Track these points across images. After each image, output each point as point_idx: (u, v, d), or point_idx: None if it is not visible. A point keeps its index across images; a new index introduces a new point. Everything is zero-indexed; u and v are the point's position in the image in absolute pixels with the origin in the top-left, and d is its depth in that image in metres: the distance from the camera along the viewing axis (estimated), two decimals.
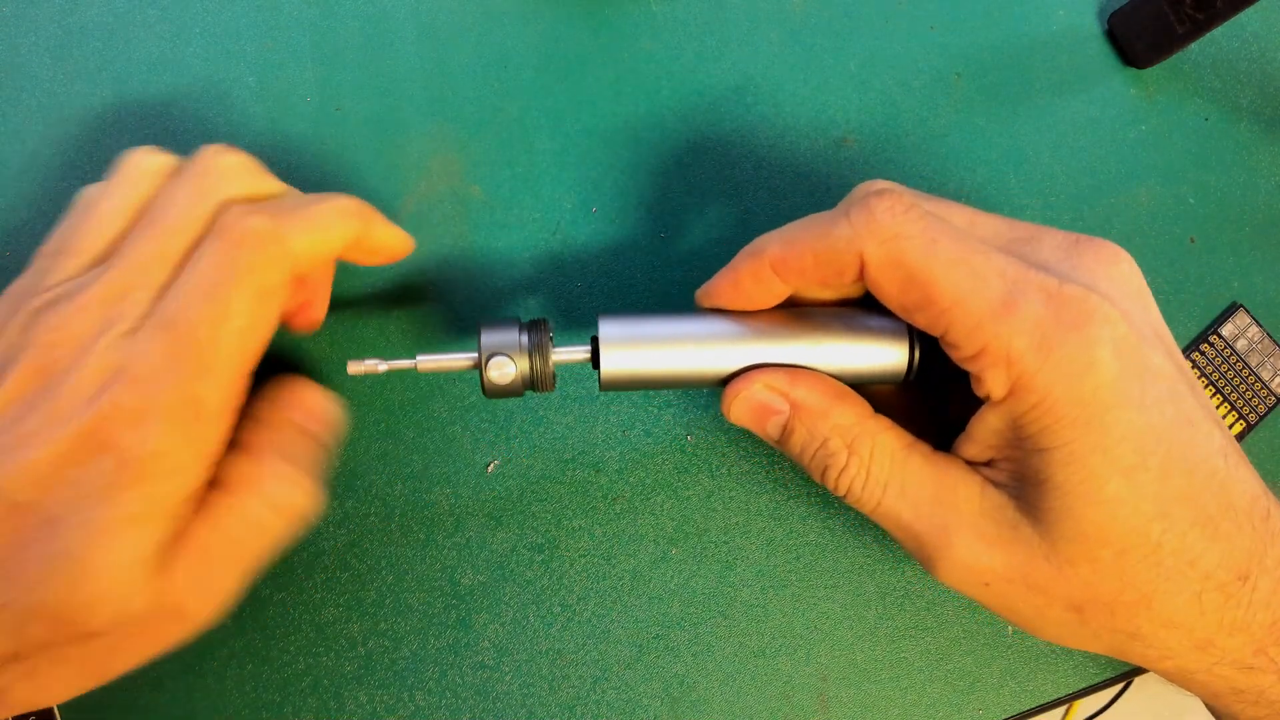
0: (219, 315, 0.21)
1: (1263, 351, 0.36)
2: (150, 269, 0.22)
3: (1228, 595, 0.21)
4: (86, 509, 0.20)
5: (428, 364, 0.25)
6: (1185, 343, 0.36)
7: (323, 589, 0.29)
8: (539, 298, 0.32)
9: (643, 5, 0.35)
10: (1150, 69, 0.38)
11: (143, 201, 0.24)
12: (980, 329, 0.21)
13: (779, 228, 0.24)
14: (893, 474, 0.23)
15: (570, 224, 0.33)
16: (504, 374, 0.24)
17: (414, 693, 0.29)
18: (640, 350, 0.24)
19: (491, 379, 0.24)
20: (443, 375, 0.31)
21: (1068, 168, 0.36)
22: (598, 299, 0.32)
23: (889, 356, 0.24)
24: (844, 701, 0.30)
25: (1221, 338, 0.36)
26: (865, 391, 0.26)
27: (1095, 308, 0.20)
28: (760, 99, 0.35)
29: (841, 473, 0.24)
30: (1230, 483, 0.21)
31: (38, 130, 0.31)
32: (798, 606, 0.31)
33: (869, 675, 0.30)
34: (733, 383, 0.25)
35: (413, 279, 0.31)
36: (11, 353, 0.21)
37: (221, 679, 0.28)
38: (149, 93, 0.32)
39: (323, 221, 0.24)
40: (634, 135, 0.34)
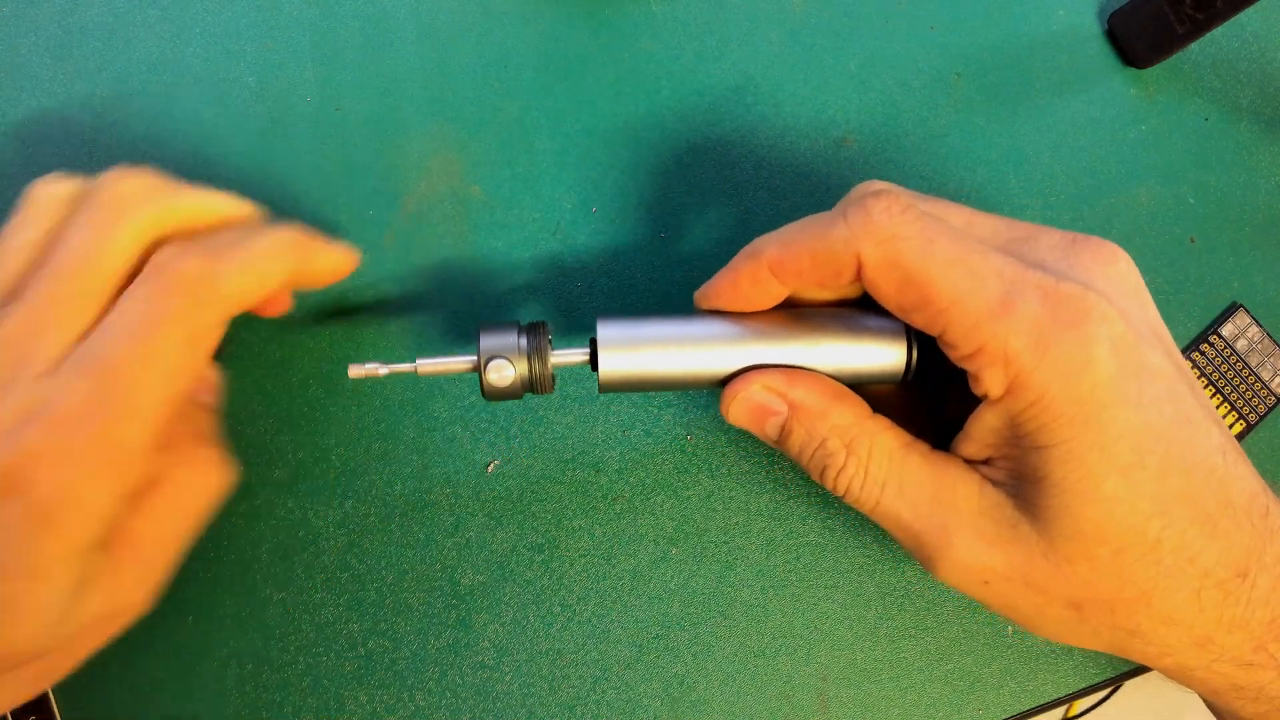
0: (146, 357, 0.21)
1: (1263, 351, 0.36)
2: (61, 306, 0.22)
3: (1227, 592, 0.21)
4: None
5: (427, 367, 0.25)
6: (1185, 343, 0.36)
7: (323, 589, 0.29)
8: (539, 298, 0.32)
9: (643, 5, 0.35)
10: (1150, 69, 0.38)
11: (48, 234, 0.23)
12: (978, 328, 0.21)
13: (776, 229, 0.24)
14: (891, 473, 0.23)
15: (570, 224, 0.33)
16: (503, 377, 0.24)
17: (414, 693, 0.29)
18: (638, 352, 0.24)
19: (490, 382, 0.25)
20: (443, 376, 0.31)
21: (1068, 168, 0.36)
22: (598, 299, 0.32)
23: (887, 356, 0.24)
24: (844, 701, 0.30)
25: (1221, 338, 0.36)
26: (864, 392, 0.26)
27: (1092, 306, 0.20)
28: (760, 99, 0.35)
29: (840, 472, 0.24)
30: (1229, 480, 0.21)
31: (38, 130, 0.31)
32: (798, 606, 0.31)
33: (869, 675, 0.30)
34: (731, 384, 0.25)
35: (413, 279, 0.31)
36: None
37: (221, 679, 0.28)
38: (149, 93, 0.32)
39: (258, 263, 0.24)
40: (634, 135, 0.34)
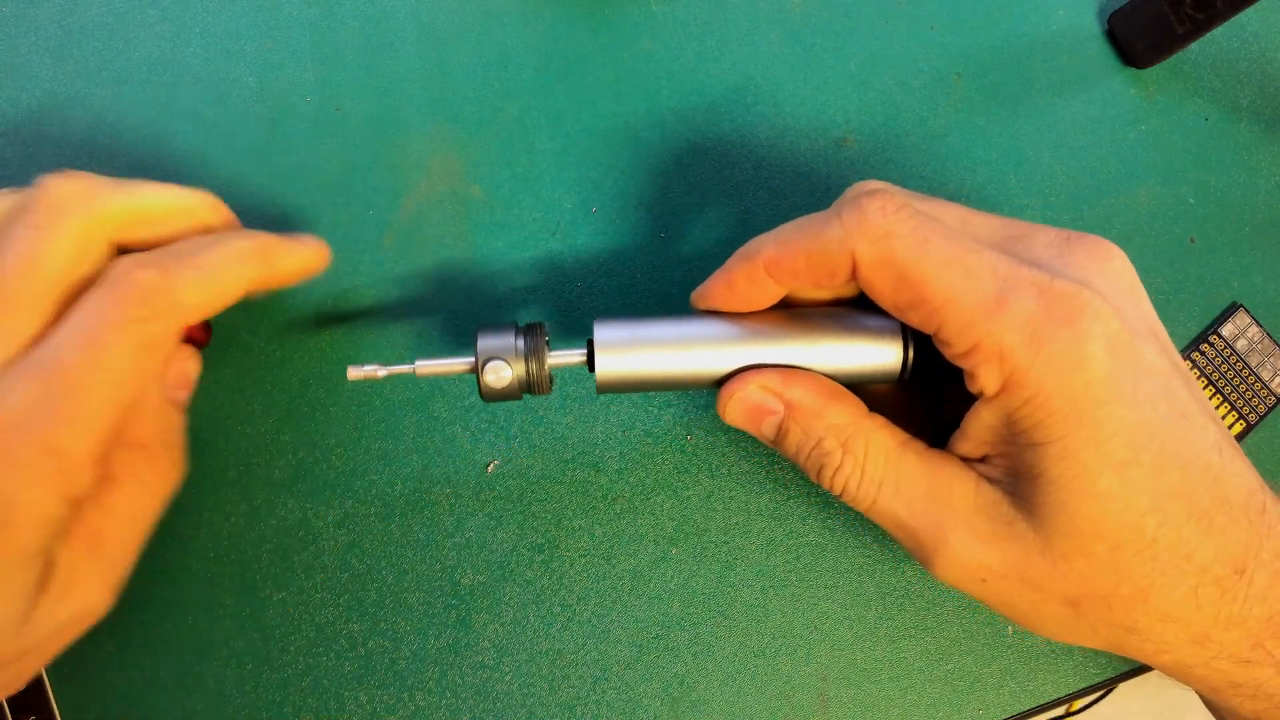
0: (94, 364, 0.21)
1: (1263, 351, 0.36)
2: (1, 314, 0.22)
3: (1224, 589, 0.21)
4: None
5: (426, 369, 0.26)
6: (1185, 343, 0.36)
7: (323, 589, 0.29)
8: (539, 297, 0.32)
9: (643, 5, 0.35)
10: (1150, 69, 0.38)
11: None
12: (972, 326, 0.21)
13: (772, 229, 0.24)
14: (887, 472, 0.23)
15: (570, 224, 0.33)
16: (500, 378, 0.25)
17: (414, 693, 0.29)
18: (635, 353, 0.24)
19: (487, 383, 0.25)
20: (443, 376, 0.31)
21: (1068, 168, 0.36)
22: (597, 299, 0.32)
23: (883, 355, 0.24)
24: (844, 701, 0.30)
25: (1221, 338, 0.36)
26: (861, 391, 0.26)
27: (1087, 303, 0.20)
28: (760, 99, 0.35)
29: (836, 472, 0.24)
30: (1225, 477, 0.21)
31: (37, 130, 0.31)
32: (798, 606, 0.31)
33: (869, 675, 0.30)
34: (728, 384, 0.25)
35: (412, 279, 0.31)
36: None
37: (221, 679, 0.28)
38: (149, 93, 0.32)
39: (216, 272, 0.24)
40: (634, 135, 0.34)
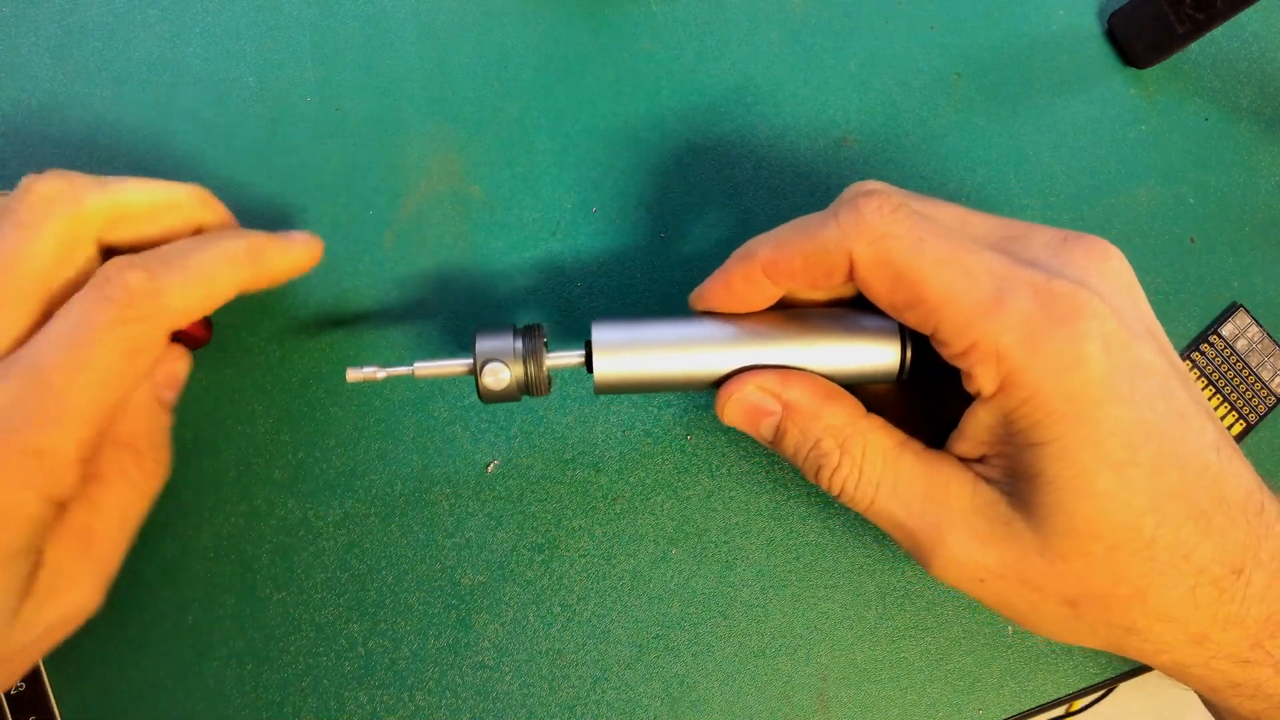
0: (78, 365, 0.21)
1: (1263, 351, 0.36)
2: None
3: (1222, 589, 0.21)
4: None
5: (425, 370, 0.26)
6: (1185, 343, 0.36)
7: (323, 589, 0.29)
8: (538, 298, 0.32)
9: (643, 5, 0.35)
10: (1150, 69, 0.38)
11: None
12: (969, 326, 0.21)
13: (769, 230, 0.24)
14: (885, 473, 0.23)
15: (570, 224, 0.33)
16: (498, 380, 0.25)
17: (414, 693, 0.29)
18: (633, 355, 0.24)
19: (486, 385, 0.25)
20: (442, 377, 0.31)
21: (1068, 168, 0.36)
22: (597, 299, 0.32)
23: (881, 356, 0.24)
24: (844, 701, 0.30)
25: (1221, 338, 0.36)
26: (860, 392, 0.26)
27: (1084, 303, 0.20)
28: (760, 99, 0.35)
29: (834, 472, 0.24)
30: (1223, 477, 0.21)
31: (37, 130, 0.31)
32: (798, 606, 0.31)
33: (869, 675, 0.30)
34: (726, 385, 0.25)
35: (412, 279, 0.31)
36: None
37: (221, 679, 0.28)
38: (149, 93, 0.32)
39: (205, 274, 0.24)
40: (634, 135, 0.34)
